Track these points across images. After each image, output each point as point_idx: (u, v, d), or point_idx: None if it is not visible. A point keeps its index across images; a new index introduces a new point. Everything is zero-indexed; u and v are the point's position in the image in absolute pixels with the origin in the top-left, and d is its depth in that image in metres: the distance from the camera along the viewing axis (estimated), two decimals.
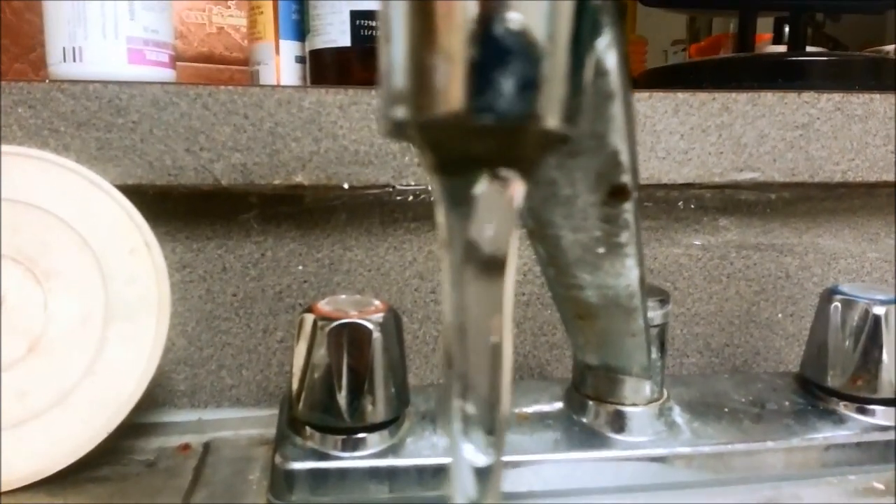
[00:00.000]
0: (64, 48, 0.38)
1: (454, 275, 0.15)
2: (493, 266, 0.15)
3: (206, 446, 0.37)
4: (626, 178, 0.23)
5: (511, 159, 0.14)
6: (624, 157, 0.22)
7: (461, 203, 0.15)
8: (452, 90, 0.12)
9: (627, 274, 0.28)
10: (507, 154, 0.14)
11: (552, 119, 0.13)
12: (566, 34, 0.13)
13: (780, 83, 0.46)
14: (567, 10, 0.13)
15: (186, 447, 0.37)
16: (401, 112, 0.13)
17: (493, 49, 0.12)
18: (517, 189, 0.15)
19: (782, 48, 0.59)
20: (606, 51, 0.16)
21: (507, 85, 0.12)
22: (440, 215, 0.15)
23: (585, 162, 0.22)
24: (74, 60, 0.38)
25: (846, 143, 0.42)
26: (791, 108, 0.41)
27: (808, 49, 0.53)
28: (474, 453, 0.17)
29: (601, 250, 0.26)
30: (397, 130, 0.14)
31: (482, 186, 0.14)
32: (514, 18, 0.12)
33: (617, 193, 0.24)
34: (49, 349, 0.33)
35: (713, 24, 0.88)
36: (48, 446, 0.32)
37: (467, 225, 0.15)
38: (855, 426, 0.36)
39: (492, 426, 0.17)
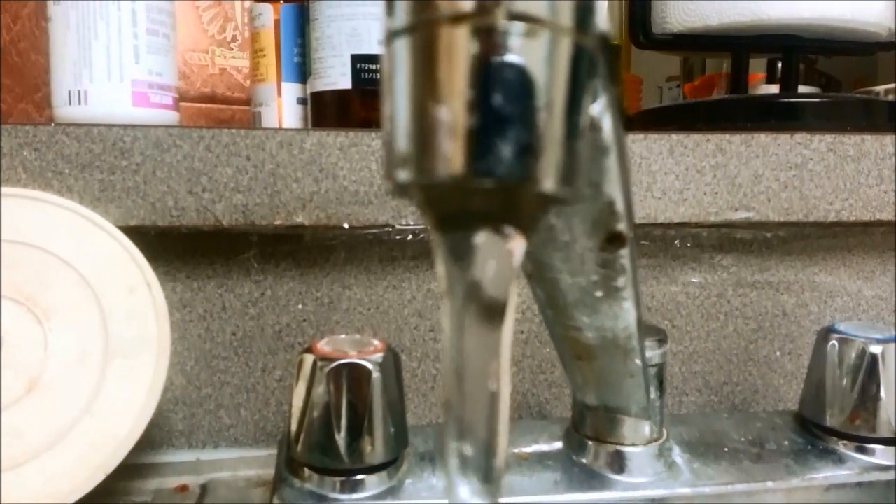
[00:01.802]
0: (69, 91, 0.39)
1: (454, 324, 0.16)
2: (492, 316, 0.16)
3: (204, 487, 0.37)
4: (622, 226, 0.23)
5: (511, 217, 0.14)
6: (619, 206, 0.22)
7: (461, 257, 0.15)
8: (453, 154, 0.13)
9: (625, 316, 0.28)
10: (507, 213, 0.14)
11: (549, 182, 0.13)
12: (562, 102, 0.13)
13: (774, 123, 0.47)
14: (563, 79, 0.13)
15: (184, 488, 0.36)
16: (404, 174, 0.13)
17: (492, 116, 0.13)
18: (517, 244, 0.15)
19: (775, 87, 0.60)
20: (602, 113, 0.16)
21: (506, 150, 0.13)
22: (440, 268, 0.15)
23: (582, 210, 0.23)
24: (80, 103, 0.38)
25: (840, 183, 0.42)
26: (784, 148, 0.41)
27: (801, 89, 0.54)
28: (471, 497, 0.17)
29: (599, 294, 0.26)
30: (401, 190, 0.14)
31: (481, 241, 0.15)
32: (513, 88, 0.13)
33: (613, 240, 0.24)
34: (48, 388, 0.33)
35: (707, 62, 0.89)
36: (45, 487, 0.32)
37: (467, 279, 0.15)
38: (854, 466, 0.35)
39: (489, 472, 0.17)
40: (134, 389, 0.34)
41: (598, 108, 0.16)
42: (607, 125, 0.17)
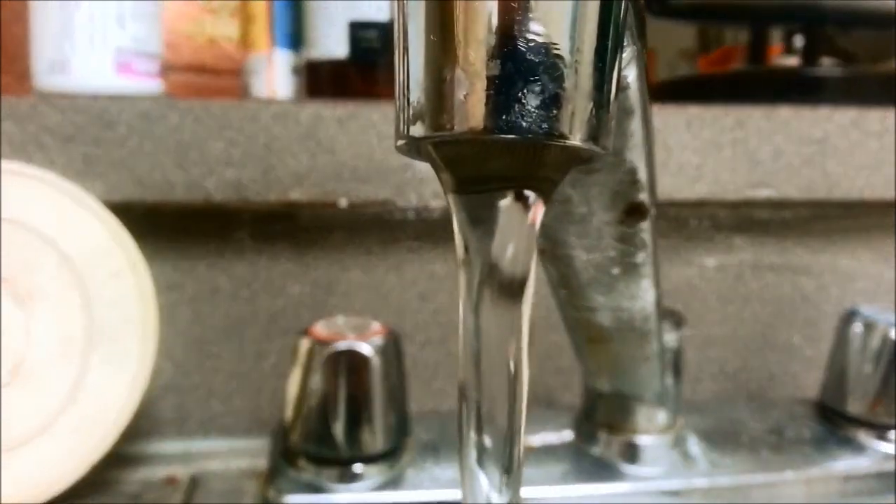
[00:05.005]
0: (51, 59, 0.37)
1: (471, 297, 0.15)
2: (512, 288, 0.15)
3: (194, 479, 0.35)
4: (643, 197, 0.22)
5: (532, 178, 0.13)
6: (642, 175, 0.21)
7: (480, 222, 0.14)
8: (473, 107, 0.12)
9: (643, 296, 0.27)
10: (529, 173, 0.13)
11: (577, 137, 0.12)
12: (590, 49, 0.12)
13: (794, 97, 0.45)
14: (591, 23, 0.12)
15: (173, 480, 0.35)
16: (418, 129, 0.12)
17: (516, 65, 0.11)
18: (538, 209, 0.14)
19: (793, 59, 0.58)
20: (627, 66, 0.15)
21: (531, 102, 0.11)
22: (458, 234, 0.15)
23: (602, 179, 0.21)
24: (61, 72, 0.37)
25: (863, 160, 0.40)
26: (806, 123, 0.40)
27: (823, 62, 0.52)
28: (492, 490, 0.16)
29: (616, 271, 0.25)
30: (414, 148, 0.13)
31: (503, 205, 0.14)
32: (538, 33, 0.11)
33: (634, 212, 0.22)
34: (31, 375, 0.31)
35: (724, 36, 0.87)
36: (29, 477, 0.31)
37: (487, 245, 0.14)
38: (875, 455, 0.35)
39: (509, 463, 0.16)
40: (119, 376, 0.32)
41: (625, 60, 0.14)
42: (633, 82, 0.16)
